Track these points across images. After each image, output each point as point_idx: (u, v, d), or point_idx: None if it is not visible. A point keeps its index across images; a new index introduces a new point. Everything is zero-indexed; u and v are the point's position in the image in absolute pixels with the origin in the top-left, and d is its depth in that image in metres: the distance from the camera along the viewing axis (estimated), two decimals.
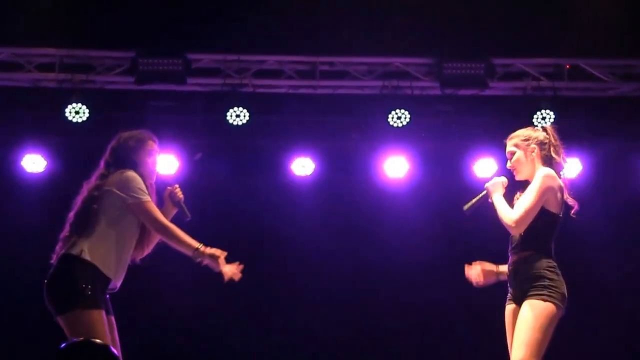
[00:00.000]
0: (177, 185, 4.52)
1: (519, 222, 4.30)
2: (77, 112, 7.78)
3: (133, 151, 4.40)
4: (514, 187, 4.63)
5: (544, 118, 7.89)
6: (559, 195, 4.42)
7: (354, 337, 8.30)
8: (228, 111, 7.86)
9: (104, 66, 8.03)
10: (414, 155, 8.22)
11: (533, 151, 4.51)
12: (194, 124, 8.12)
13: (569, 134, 7.60)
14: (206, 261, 4.24)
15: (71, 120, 7.78)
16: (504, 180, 4.56)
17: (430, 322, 8.22)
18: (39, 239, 7.74)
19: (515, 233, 4.34)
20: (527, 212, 4.30)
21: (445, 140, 8.22)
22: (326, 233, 8.38)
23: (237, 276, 4.27)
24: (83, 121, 7.78)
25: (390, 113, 7.96)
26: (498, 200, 4.41)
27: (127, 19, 7.68)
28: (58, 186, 7.79)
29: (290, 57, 8.08)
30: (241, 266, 4.31)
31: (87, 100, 7.75)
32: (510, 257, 4.47)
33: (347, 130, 8.30)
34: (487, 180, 4.60)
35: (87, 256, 4.13)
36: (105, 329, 4.09)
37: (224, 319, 8.06)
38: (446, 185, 8.11)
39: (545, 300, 4.27)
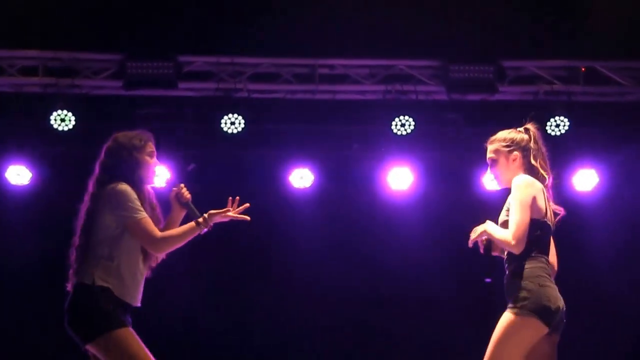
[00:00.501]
0: (182, 185, 4.40)
1: (516, 238, 4.22)
2: (62, 120, 7.74)
3: (130, 154, 4.29)
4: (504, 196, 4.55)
5: (557, 125, 7.90)
6: (539, 201, 4.35)
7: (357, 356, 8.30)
8: (222, 118, 7.84)
9: (91, 70, 8.00)
10: (419, 165, 8.19)
11: (515, 159, 4.44)
12: (185, 132, 8.09)
13: (585, 142, 8.00)
14: (215, 220, 4.26)
15: (57, 128, 7.74)
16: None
17: (439, 340, 8.21)
18: (26, 255, 8.14)
19: (519, 251, 4.24)
20: (519, 226, 4.22)
21: (452, 150, 8.19)
22: (326, 249, 8.40)
23: (246, 217, 4.33)
24: (69, 129, 7.73)
25: (393, 120, 7.94)
26: (491, 229, 4.33)
27: (115, 19, 7.71)
28: (44, 199, 7.88)
29: (287, 60, 8.08)
30: (246, 205, 4.35)
31: (73, 106, 7.73)
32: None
33: (348, 139, 8.30)
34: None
35: (101, 283, 4.11)
36: (139, 343, 4.09)
37: (222, 335, 8.13)
38: (453, 199, 8.12)
39: (514, 314, 4.21)
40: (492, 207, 7.88)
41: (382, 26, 7.83)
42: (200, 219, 4.25)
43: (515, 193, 4.30)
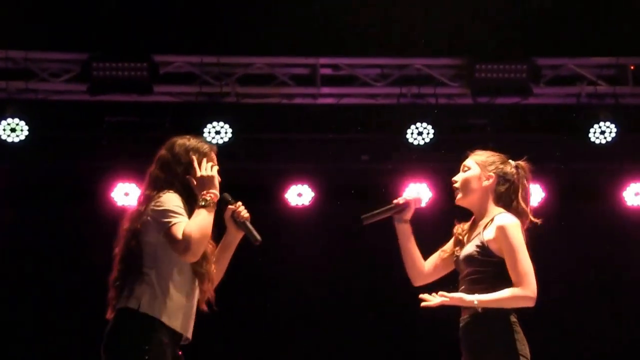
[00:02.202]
0: (240, 203, 4.31)
1: (533, 289, 4.23)
2: (13, 130, 7.68)
3: (187, 164, 4.23)
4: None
5: (602, 132, 7.86)
6: None
7: None
8: (205, 127, 7.73)
9: (49, 71, 7.92)
10: (439, 180, 7.97)
11: (489, 179, 4.44)
12: (161, 144, 7.46)
13: (635, 150, 7.96)
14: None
15: (5, 140, 7.68)
16: (416, 197, 4.61)
17: None
18: None
19: (534, 303, 4.27)
20: (531, 275, 4.25)
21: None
22: (327, 277, 8.25)
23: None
24: (21, 140, 7.68)
25: (409, 128, 7.86)
26: (489, 298, 4.24)
27: (78, 12, 7.64)
28: None
29: (283, 59, 8.03)
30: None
31: (26, 114, 7.69)
32: (462, 312, 4.39)
33: (354, 151, 8.22)
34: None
35: (146, 309, 4.05)
36: None
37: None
38: None
39: None
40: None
41: (395, 19, 7.82)
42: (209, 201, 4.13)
43: (513, 235, 4.29)
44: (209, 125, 7.70)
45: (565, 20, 7.83)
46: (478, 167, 4.45)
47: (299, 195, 8.18)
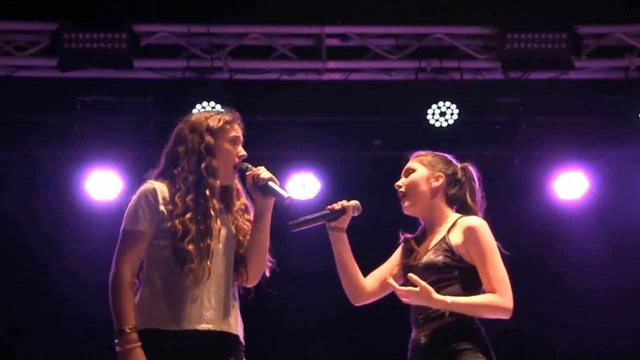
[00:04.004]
0: (256, 170, 4.28)
1: (511, 299, 4.29)
2: None
3: (202, 138, 4.22)
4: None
5: None
6: None
7: None
8: (194, 107, 7.63)
9: (13, 44, 7.82)
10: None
11: (438, 180, 4.50)
12: (143, 126, 7.94)
13: None
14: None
15: None
16: (354, 204, 4.57)
17: None
18: None
19: (510, 316, 4.35)
20: (507, 281, 4.31)
21: (510, 147, 8.20)
22: (333, 279, 7.93)
23: None
24: None
25: (429, 107, 7.81)
26: (461, 302, 4.28)
27: None
28: None
29: (284, 28, 7.93)
30: None
31: None
32: (416, 329, 4.42)
33: (366, 134, 8.20)
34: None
35: (140, 325, 4.08)
36: None
37: None
38: (512, 209, 7.93)
39: None
40: (567, 219, 8.08)
41: None
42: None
43: (486, 237, 4.38)
44: (197, 105, 7.63)
45: None
46: (424, 167, 4.51)
47: (303, 186, 8.15)
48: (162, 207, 4.14)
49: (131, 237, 4.12)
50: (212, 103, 7.64)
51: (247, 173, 4.28)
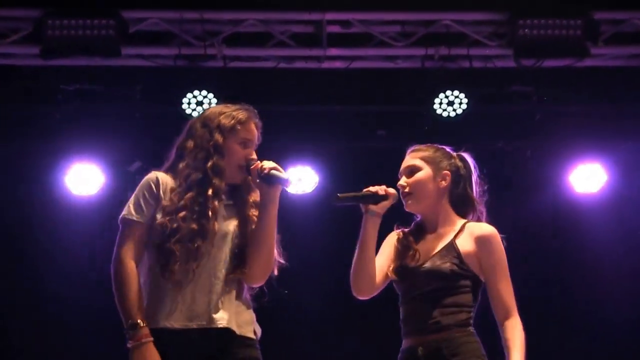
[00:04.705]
0: (259, 163, 4.23)
1: (517, 314, 4.36)
2: None
3: (212, 135, 4.22)
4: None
5: None
6: None
7: None
8: (185, 97, 7.70)
9: None
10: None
11: (445, 179, 4.45)
12: (130, 117, 7.97)
13: None
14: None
15: None
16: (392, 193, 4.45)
17: None
18: None
19: None
20: (513, 295, 4.35)
21: (523, 138, 8.17)
22: (335, 277, 7.72)
23: None
24: None
25: (437, 96, 7.80)
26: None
27: None
28: None
29: (282, 14, 7.88)
30: None
31: None
32: (412, 339, 4.37)
33: (369, 125, 8.18)
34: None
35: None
36: None
37: None
38: (525, 204, 8.08)
39: None
40: (584, 214, 8.10)
41: None
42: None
43: (500, 250, 4.39)
44: (189, 95, 7.65)
45: None
46: (428, 165, 4.45)
47: (300, 180, 8.16)
48: (163, 198, 4.18)
49: (128, 227, 4.13)
50: (205, 92, 7.64)
51: (252, 167, 4.25)
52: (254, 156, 4.25)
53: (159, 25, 7.77)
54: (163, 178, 4.22)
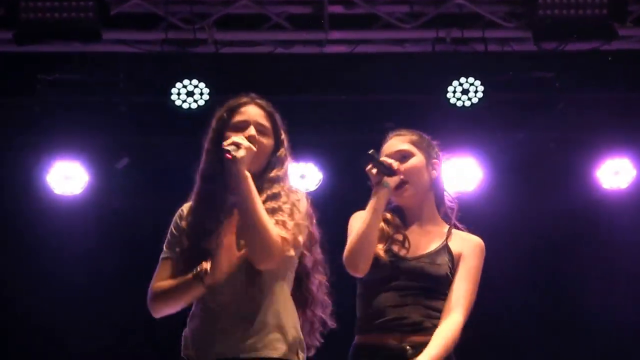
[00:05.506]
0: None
1: (466, 315, 4.32)
2: None
3: (212, 135, 4.26)
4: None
5: None
6: None
7: None
8: (174, 87, 7.69)
9: None
10: (490, 155, 8.14)
11: (435, 168, 4.44)
12: (114, 109, 7.95)
13: None
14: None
15: None
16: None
17: None
18: None
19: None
20: (472, 303, 4.38)
21: (545, 129, 8.12)
22: (336, 277, 8.10)
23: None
24: None
25: (450, 84, 7.74)
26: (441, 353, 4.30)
27: None
28: None
29: None
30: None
31: None
32: (394, 336, 4.31)
33: (375, 117, 7.99)
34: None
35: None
36: None
37: None
38: (548, 200, 8.04)
39: None
40: (612, 211, 8.05)
41: None
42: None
43: (481, 262, 4.40)
44: (178, 84, 7.61)
45: None
46: (420, 152, 4.40)
47: (302, 176, 8.16)
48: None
49: (161, 263, 4.21)
50: (195, 82, 7.63)
51: (226, 155, 4.17)
52: (251, 132, 4.13)
53: (142, 6, 7.63)
54: (186, 207, 4.24)
